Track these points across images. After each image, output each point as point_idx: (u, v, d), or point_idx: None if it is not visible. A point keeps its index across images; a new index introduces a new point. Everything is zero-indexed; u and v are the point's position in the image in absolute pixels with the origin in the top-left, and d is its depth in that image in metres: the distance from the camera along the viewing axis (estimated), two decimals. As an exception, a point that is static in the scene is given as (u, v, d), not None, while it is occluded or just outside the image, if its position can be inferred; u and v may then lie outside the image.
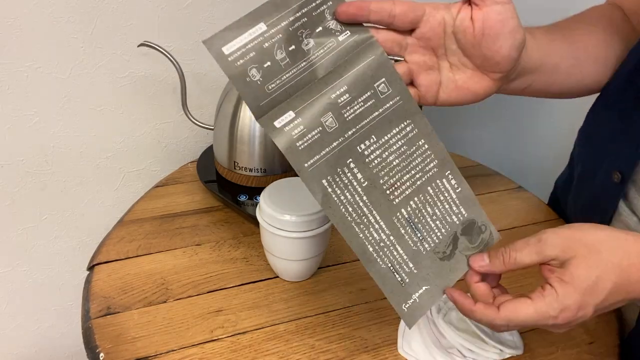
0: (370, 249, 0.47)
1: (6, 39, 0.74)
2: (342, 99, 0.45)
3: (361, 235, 0.46)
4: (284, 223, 0.57)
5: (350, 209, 0.46)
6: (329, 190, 0.45)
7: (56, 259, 0.94)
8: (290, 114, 0.44)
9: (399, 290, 0.48)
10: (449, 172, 0.49)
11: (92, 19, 0.76)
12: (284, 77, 0.45)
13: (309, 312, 0.59)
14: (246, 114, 0.70)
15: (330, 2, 0.46)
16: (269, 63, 0.44)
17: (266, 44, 0.44)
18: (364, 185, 0.46)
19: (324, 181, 0.45)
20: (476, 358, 0.54)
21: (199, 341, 0.55)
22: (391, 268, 0.47)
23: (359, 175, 0.46)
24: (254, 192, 0.72)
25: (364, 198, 0.46)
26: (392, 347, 0.56)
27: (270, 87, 0.44)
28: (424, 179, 0.48)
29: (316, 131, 0.44)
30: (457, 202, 0.50)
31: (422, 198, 0.48)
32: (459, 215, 0.50)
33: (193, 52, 0.84)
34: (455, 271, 0.50)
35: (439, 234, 0.49)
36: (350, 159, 0.46)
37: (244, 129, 0.70)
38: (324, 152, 0.45)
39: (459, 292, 0.47)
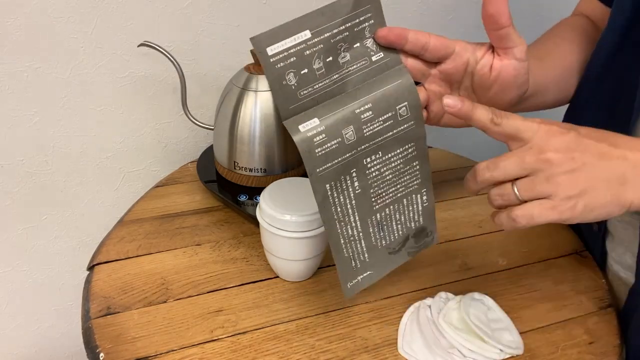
0: (342, 242, 0.51)
1: (6, 39, 0.74)
2: (365, 115, 0.48)
3: (339, 230, 0.50)
4: (284, 223, 0.57)
5: (338, 209, 0.49)
6: (329, 193, 0.48)
7: (56, 259, 0.94)
8: (315, 121, 0.46)
9: (350, 273, 0.53)
10: (425, 189, 0.54)
11: (92, 19, 0.76)
12: (317, 85, 0.47)
13: (309, 312, 0.59)
14: (246, 114, 0.70)
15: (372, 21, 0.48)
16: (305, 70, 0.46)
17: (307, 52, 0.46)
18: (357, 192, 0.50)
19: (327, 185, 0.47)
20: (476, 358, 0.54)
21: (199, 341, 0.55)
22: (351, 256, 0.52)
23: (356, 184, 0.49)
24: (254, 192, 0.72)
25: (353, 202, 0.50)
26: (392, 347, 0.56)
27: (302, 93, 0.46)
28: (404, 192, 0.53)
29: (335, 141, 0.47)
30: (420, 213, 0.55)
31: (396, 207, 0.53)
32: (417, 223, 0.55)
33: (193, 52, 0.84)
34: (394, 262, 0.56)
35: (396, 235, 0.54)
36: (355, 169, 0.49)
37: (244, 129, 0.70)
38: (336, 161, 0.47)
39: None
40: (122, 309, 0.58)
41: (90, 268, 0.64)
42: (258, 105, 0.70)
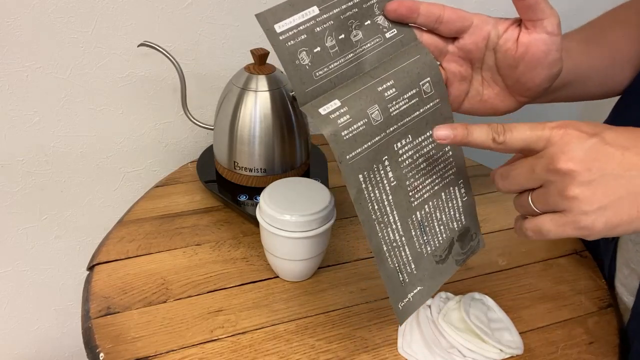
0: (385, 249, 0.47)
1: (6, 39, 0.74)
2: (388, 92, 0.45)
3: (380, 234, 0.46)
4: (284, 223, 0.57)
5: (376, 207, 0.45)
6: (363, 186, 0.44)
7: (56, 259, 0.94)
8: (336, 102, 0.43)
9: (399, 290, 0.49)
10: (462, 181, 0.50)
11: (92, 19, 0.76)
12: (332, 65, 0.44)
13: (309, 312, 0.59)
14: (246, 114, 0.70)
15: None
16: (318, 48, 0.43)
17: (318, 29, 0.43)
18: (392, 184, 0.46)
19: (360, 176, 0.44)
20: (476, 358, 0.54)
21: (199, 341, 0.55)
22: (397, 268, 0.48)
23: (390, 174, 0.46)
24: (254, 192, 0.72)
25: (390, 198, 0.46)
26: (392, 347, 0.56)
27: (317, 74, 0.44)
28: (441, 184, 0.49)
29: (362, 122, 0.43)
30: (461, 210, 0.51)
31: (435, 203, 0.49)
32: (459, 223, 0.51)
33: (193, 52, 0.84)
34: (444, 274, 0.52)
35: (440, 238, 0.50)
36: (386, 156, 0.45)
37: (244, 129, 0.70)
38: (366, 146, 0.44)
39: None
40: (122, 309, 0.58)
41: (90, 268, 0.64)
42: (258, 105, 0.70)
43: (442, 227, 0.50)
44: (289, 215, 0.57)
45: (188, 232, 0.70)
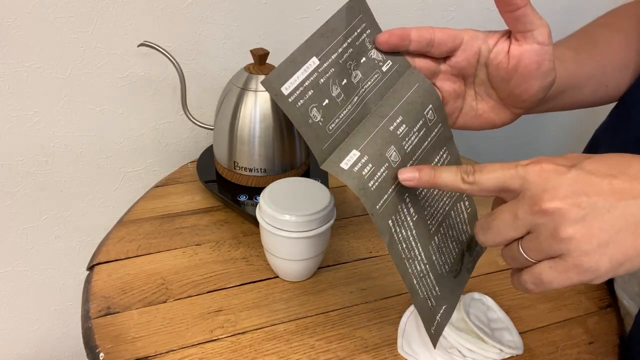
0: (415, 282, 0.46)
1: (6, 39, 0.74)
2: (400, 130, 0.44)
3: (410, 270, 0.45)
4: (284, 223, 0.57)
5: (404, 246, 0.44)
6: (393, 230, 0.43)
7: (56, 259, 0.94)
8: (355, 153, 0.41)
9: (429, 315, 0.48)
10: (465, 194, 0.50)
11: (92, 19, 0.76)
12: (342, 114, 0.43)
13: (309, 312, 0.59)
14: (246, 114, 0.70)
15: (369, 31, 0.45)
16: (327, 101, 0.42)
17: (322, 80, 0.42)
18: (414, 219, 0.45)
19: (389, 221, 0.43)
20: (476, 358, 0.54)
21: (199, 341, 0.55)
22: (426, 296, 0.47)
23: (412, 210, 0.45)
24: (254, 192, 0.72)
25: (414, 232, 0.45)
26: (392, 347, 0.56)
27: (330, 128, 0.42)
28: (450, 204, 0.49)
29: (384, 167, 0.42)
30: (467, 221, 0.51)
31: (447, 223, 0.49)
32: (466, 234, 0.51)
33: (193, 52, 0.84)
34: (461, 285, 0.52)
35: (454, 253, 0.50)
36: (407, 194, 0.44)
37: (244, 129, 0.70)
38: (390, 190, 0.43)
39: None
40: (122, 309, 0.58)
41: (90, 268, 0.64)
42: (258, 105, 0.70)
43: (454, 242, 0.50)
44: (289, 215, 0.57)
45: (188, 232, 0.70)
